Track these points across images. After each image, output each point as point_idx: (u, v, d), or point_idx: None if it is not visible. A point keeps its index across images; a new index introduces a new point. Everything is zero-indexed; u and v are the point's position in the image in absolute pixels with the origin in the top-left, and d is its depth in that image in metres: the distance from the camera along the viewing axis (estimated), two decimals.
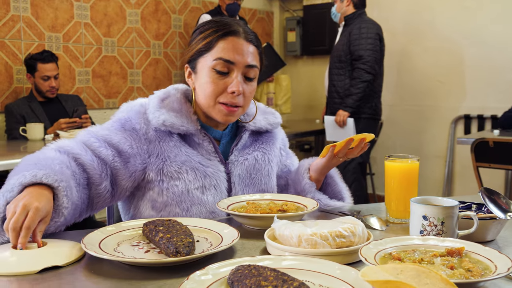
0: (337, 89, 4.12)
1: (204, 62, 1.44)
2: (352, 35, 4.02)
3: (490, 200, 1.22)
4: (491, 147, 3.26)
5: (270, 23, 6.09)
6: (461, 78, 4.72)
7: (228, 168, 1.51)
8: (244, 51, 1.42)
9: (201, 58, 1.45)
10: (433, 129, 4.94)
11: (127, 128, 1.43)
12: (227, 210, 1.32)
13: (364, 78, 3.93)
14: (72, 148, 1.35)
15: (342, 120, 4.01)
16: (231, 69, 1.42)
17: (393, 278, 0.71)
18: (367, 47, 3.94)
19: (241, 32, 1.44)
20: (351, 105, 3.98)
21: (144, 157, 1.41)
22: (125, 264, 1.03)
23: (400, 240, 1.06)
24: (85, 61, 4.38)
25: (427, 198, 1.19)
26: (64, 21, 4.21)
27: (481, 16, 4.58)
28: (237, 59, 1.41)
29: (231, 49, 1.41)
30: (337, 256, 1.01)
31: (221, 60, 1.40)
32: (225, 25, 1.44)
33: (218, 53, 1.41)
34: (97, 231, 1.14)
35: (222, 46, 1.41)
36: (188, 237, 1.06)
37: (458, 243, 1.03)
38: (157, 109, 1.43)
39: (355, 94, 3.96)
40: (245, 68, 1.42)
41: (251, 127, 1.57)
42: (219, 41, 1.42)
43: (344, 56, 4.06)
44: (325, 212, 1.48)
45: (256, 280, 0.82)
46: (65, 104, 3.79)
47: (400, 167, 1.38)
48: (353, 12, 4.11)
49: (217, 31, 1.43)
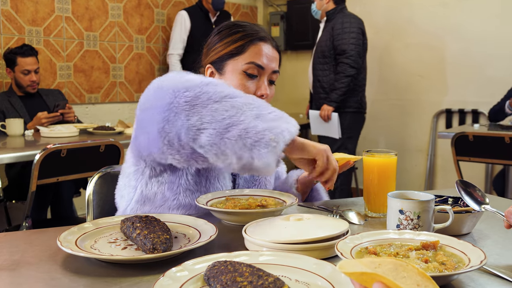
0: (322, 84, 4.13)
1: (234, 64, 1.49)
2: (335, 30, 4.03)
3: (466, 193, 1.23)
4: (471, 141, 3.30)
5: (254, 18, 6.08)
6: (442, 73, 4.76)
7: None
8: (272, 57, 1.51)
9: (231, 60, 1.50)
10: (415, 124, 4.99)
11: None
12: (206, 206, 1.32)
13: (348, 72, 3.95)
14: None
15: (326, 115, 4.04)
16: (260, 73, 1.49)
17: (369, 270, 0.72)
18: (350, 41, 3.96)
19: (269, 39, 1.53)
20: (335, 100, 4.01)
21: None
22: (102, 261, 1.03)
23: (376, 234, 1.07)
24: (66, 55, 4.33)
25: (404, 193, 1.21)
26: (44, 15, 4.16)
27: (460, 12, 4.62)
28: (267, 64, 1.49)
29: (263, 54, 1.49)
30: (314, 251, 1.02)
31: (253, 65, 1.47)
32: (256, 31, 1.52)
33: (250, 57, 1.48)
34: (73, 228, 1.14)
35: (254, 51, 1.48)
36: (165, 233, 1.06)
37: (433, 236, 1.04)
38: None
39: (339, 88, 3.99)
40: (271, 73, 1.51)
41: None
42: (251, 46, 1.49)
43: (327, 51, 4.07)
44: (305, 207, 1.49)
45: (231, 276, 0.82)
46: (46, 99, 3.75)
47: (378, 162, 1.39)
48: (333, 7, 4.13)
49: (248, 35, 1.50)
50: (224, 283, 0.81)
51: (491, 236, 1.22)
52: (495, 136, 3.21)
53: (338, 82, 3.99)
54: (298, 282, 0.88)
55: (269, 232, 1.09)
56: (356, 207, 1.49)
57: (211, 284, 0.84)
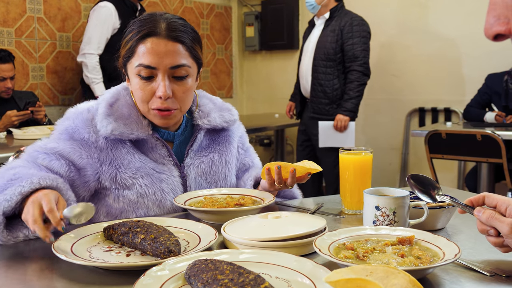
0: (325, 88, 3.87)
1: (130, 68, 1.40)
2: (344, 33, 3.81)
3: (418, 188, 1.18)
4: (443, 139, 3.36)
5: (228, 18, 6.08)
6: (415, 73, 4.84)
7: (184, 171, 1.48)
8: (165, 52, 1.34)
9: (128, 64, 1.41)
10: (388, 122, 5.05)
11: (76, 138, 1.38)
12: (184, 206, 1.32)
13: (362, 80, 3.79)
14: (25, 167, 1.28)
15: (343, 125, 3.82)
16: (154, 73, 1.36)
17: (353, 276, 0.73)
18: (362, 47, 3.78)
19: (163, 30, 1.35)
20: (351, 109, 3.81)
21: (96, 166, 1.38)
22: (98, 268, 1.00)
23: (353, 231, 1.08)
24: (39, 56, 4.27)
25: (380, 189, 1.23)
26: (16, 16, 4.09)
27: (434, 11, 4.70)
28: (158, 62, 1.34)
29: (151, 52, 1.34)
30: (293, 248, 1.03)
31: (141, 66, 1.35)
32: (145, 25, 1.36)
33: (139, 58, 1.35)
34: (62, 237, 1.10)
35: (142, 50, 1.35)
36: (172, 236, 1.05)
37: (408, 232, 1.06)
38: (104, 117, 1.38)
39: (355, 97, 3.79)
40: (170, 69, 1.36)
41: (206, 126, 1.52)
42: (139, 45, 1.36)
43: (333, 54, 3.82)
44: (282, 205, 1.50)
45: (212, 274, 0.83)
46: (19, 101, 3.68)
47: (354, 160, 1.42)
48: (335, 5, 3.90)
49: (136, 33, 1.37)
50: (205, 281, 0.82)
51: (465, 230, 1.25)
52: (467, 133, 3.28)
53: (353, 91, 3.79)
54: (279, 279, 0.89)
55: (248, 230, 1.10)
56: (333, 204, 1.51)
57: (192, 283, 0.84)
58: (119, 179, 1.38)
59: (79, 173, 1.36)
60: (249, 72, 6.23)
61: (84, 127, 1.39)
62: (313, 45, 3.96)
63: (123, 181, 1.38)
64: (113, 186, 1.39)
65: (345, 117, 3.81)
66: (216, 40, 5.91)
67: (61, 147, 1.36)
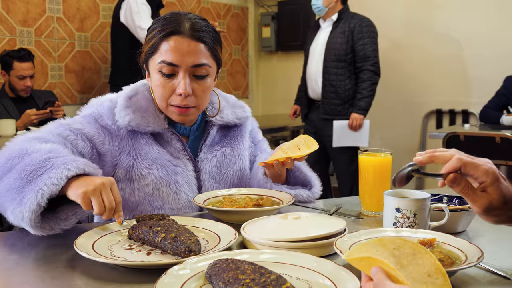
0: (337, 89, 3.89)
1: (152, 64, 1.42)
2: (355, 34, 3.84)
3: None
4: (462, 141, 3.33)
5: (245, 18, 6.09)
6: (432, 74, 4.80)
7: (198, 166, 1.51)
8: (188, 51, 1.37)
9: (150, 60, 1.43)
10: (405, 124, 5.02)
11: (100, 123, 1.42)
12: (203, 205, 1.32)
13: (374, 79, 3.84)
14: (49, 140, 1.31)
15: (358, 124, 3.86)
16: (176, 71, 1.38)
17: (367, 255, 0.71)
18: (372, 47, 3.84)
19: (186, 30, 1.38)
20: (365, 108, 3.86)
21: (115, 154, 1.40)
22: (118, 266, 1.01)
23: (374, 232, 1.08)
24: (57, 56, 4.31)
25: (400, 191, 1.22)
26: (36, 16, 4.14)
27: (450, 13, 4.66)
28: (180, 60, 1.37)
29: (174, 50, 1.36)
30: (313, 249, 1.03)
31: (164, 63, 1.37)
32: (169, 23, 1.38)
33: (161, 55, 1.38)
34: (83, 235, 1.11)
35: (165, 47, 1.37)
36: (192, 235, 1.06)
37: (430, 234, 1.06)
38: (123, 109, 1.41)
39: (368, 96, 3.84)
40: (191, 68, 1.38)
41: (219, 122, 1.55)
42: (162, 42, 1.38)
43: (344, 55, 3.86)
44: (301, 206, 1.50)
45: (233, 274, 0.83)
46: (38, 101, 3.73)
47: (374, 161, 1.41)
48: (342, 7, 3.95)
49: (160, 31, 1.39)
50: (226, 281, 0.82)
51: (486, 234, 1.23)
52: (486, 136, 3.25)
53: (366, 90, 3.83)
54: (299, 279, 0.89)
55: (268, 230, 1.10)
56: (352, 206, 1.50)
57: (213, 282, 0.85)
58: (135, 169, 1.40)
59: (98, 158, 1.39)
60: (265, 73, 6.23)
61: (108, 114, 1.43)
62: (321, 47, 4.00)
63: (139, 171, 1.40)
64: (127, 177, 1.41)
65: (360, 116, 3.87)
66: (232, 40, 5.93)
67: (87, 130, 1.40)
